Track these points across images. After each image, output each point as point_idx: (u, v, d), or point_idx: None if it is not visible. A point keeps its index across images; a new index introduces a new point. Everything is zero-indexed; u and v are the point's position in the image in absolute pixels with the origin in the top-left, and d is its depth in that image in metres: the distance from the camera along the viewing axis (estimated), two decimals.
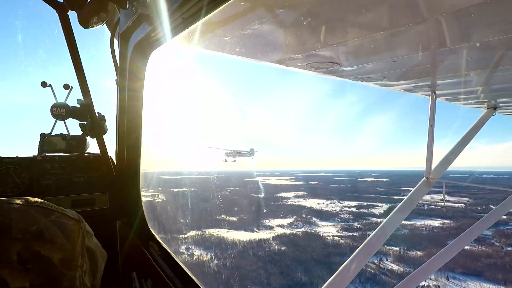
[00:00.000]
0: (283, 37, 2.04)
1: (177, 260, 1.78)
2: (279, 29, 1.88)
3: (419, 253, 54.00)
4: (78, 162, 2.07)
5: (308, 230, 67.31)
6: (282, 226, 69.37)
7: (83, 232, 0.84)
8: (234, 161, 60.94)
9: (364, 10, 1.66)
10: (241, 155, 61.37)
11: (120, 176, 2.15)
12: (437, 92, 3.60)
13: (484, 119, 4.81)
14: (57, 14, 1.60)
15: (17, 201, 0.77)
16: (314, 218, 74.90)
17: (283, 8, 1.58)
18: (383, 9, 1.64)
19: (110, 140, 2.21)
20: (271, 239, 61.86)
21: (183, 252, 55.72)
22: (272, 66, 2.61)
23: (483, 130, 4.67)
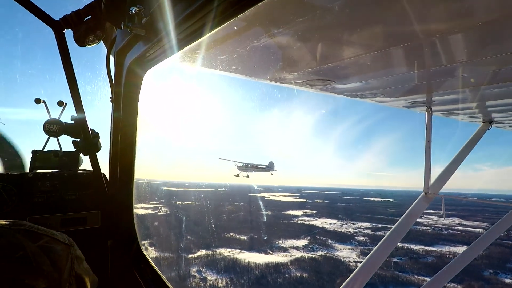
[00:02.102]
0: (278, 56, 2.05)
1: (169, 285, 1.72)
2: (275, 48, 1.89)
3: (459, 286, 48.32)
4: (70, 179, 2.03)
5: (326, 254, 62.51)
6: (297, 248, 64.97)
7: (72, 257, 0.81)
8: (248, 176, 53.72)
9: (360, 29, 1.68)
10: (257, 170, 54.35)
11: (113, 194, 2.10)
12: (433, 108, 3.62)
13: (480, 133, 4.84)
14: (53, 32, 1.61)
15: (4, 224, 0.74)
16: (329, 240, 70.07)
17: (278, 27, 1.60)
18: (378, 29, 1.66)
19: (104, 156, 2.18)
20: (289, 263, 57.00)
21: (195, 275, 51.23)
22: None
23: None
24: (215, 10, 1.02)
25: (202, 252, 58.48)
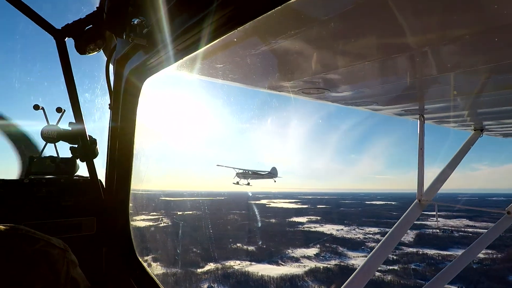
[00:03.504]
0: (274, 65, 2.10)
1: None
2: (271, 57, 1.94)
3: None
4: (66, 185, 2.03)
5: (341, 263, 57.90)
6: (309, 258, 60.42)
7: (67, 261, 0.83)
8: (248, 183, 48.50)
9: (353, 40, 1.74)
10: (259, 177, 49.51)
11: (109, 200, 2.11)
12: (425, 116, 3.70)
13: (472, 141, 4.93)
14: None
15: (2, 229, 0.76)
16: (340, 248, 65.50)
17: (275, 38, 1.65)
18: (371, 41, 1.72)
19: (101, 162, 2.19)
20: (304, 275, 52.49)
21: None
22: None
23: None
24: (214, 24, 1.06)
25: (211, 265, 54.20)
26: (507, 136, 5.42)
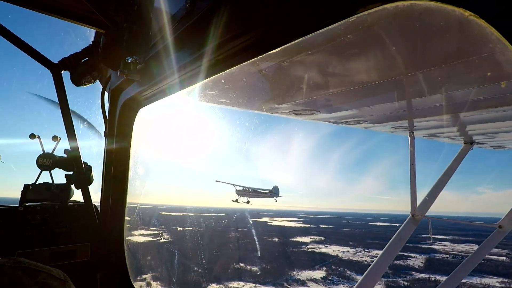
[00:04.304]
0: (265, 89, 2.17)
1: None
2: (261, 82, 2.01)
3: None
4: (61, 211, 2.04)
5: None
6: (315, 281, 57.53)
7: None
8: (248, 202, 46.82)
9: (342, 66, 1.81)
10: (260, 195, 47.95)
11: (104, 225, 2.12)
12: (415, 132, 3.79)
13: (462, 154, 5.01)
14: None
15: (5, 262, 0.78)
16: (348, 271, 62.83)
17: (265, 65, 1.71)
18: (359, 66, 1.78)
19: (96, 187, 2.21)
20: None
21: None
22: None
23: None
24: (206, 63, 1.12)
25: (213, 287, 52.25)
26: (497, 148, 5.53)
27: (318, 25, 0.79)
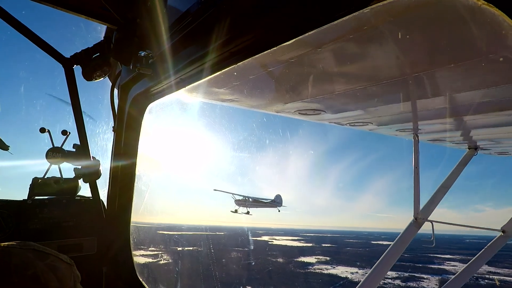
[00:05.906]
0: (272, 89, 2.19)
1: None
2: (269, 82, 2.04)
3: None
4: (68, 205, 2.07)
5: None
6: None
7: (74, 276, 0.89)
8: (248, 212, 44.27)
9: (347, 66, 1.83)
10: (261, 205, 45.43)
11: (110, 220, 2.14)
12: (419, 136, 3.79)
13: (466, 159, 5.00)
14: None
15: (15, 245, 0.82)
16: None
17: (273, 65, 1.74)
18: (365, 66, 1.80)
19: (103, 182, 2.23)
20: None
21: None
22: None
23: None
24: (215, 58, 1.15)
25: None
26: (501, 154, 5.50)
27: (333, 16, 0.81)
